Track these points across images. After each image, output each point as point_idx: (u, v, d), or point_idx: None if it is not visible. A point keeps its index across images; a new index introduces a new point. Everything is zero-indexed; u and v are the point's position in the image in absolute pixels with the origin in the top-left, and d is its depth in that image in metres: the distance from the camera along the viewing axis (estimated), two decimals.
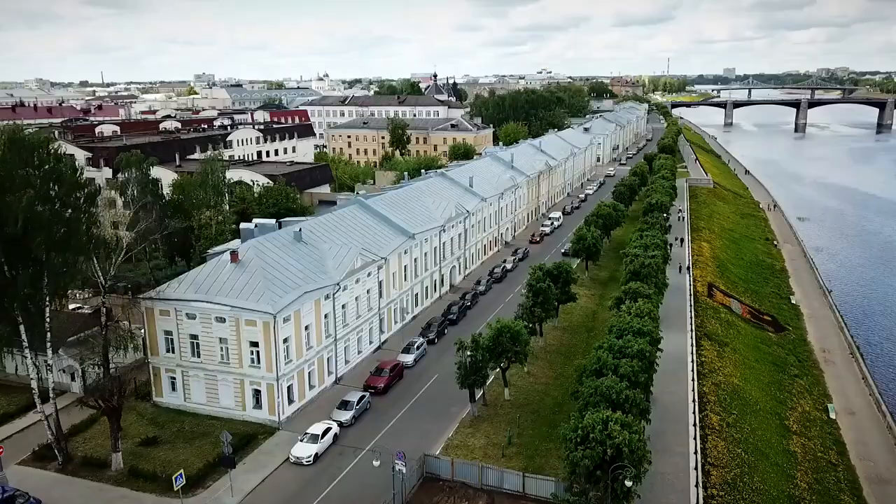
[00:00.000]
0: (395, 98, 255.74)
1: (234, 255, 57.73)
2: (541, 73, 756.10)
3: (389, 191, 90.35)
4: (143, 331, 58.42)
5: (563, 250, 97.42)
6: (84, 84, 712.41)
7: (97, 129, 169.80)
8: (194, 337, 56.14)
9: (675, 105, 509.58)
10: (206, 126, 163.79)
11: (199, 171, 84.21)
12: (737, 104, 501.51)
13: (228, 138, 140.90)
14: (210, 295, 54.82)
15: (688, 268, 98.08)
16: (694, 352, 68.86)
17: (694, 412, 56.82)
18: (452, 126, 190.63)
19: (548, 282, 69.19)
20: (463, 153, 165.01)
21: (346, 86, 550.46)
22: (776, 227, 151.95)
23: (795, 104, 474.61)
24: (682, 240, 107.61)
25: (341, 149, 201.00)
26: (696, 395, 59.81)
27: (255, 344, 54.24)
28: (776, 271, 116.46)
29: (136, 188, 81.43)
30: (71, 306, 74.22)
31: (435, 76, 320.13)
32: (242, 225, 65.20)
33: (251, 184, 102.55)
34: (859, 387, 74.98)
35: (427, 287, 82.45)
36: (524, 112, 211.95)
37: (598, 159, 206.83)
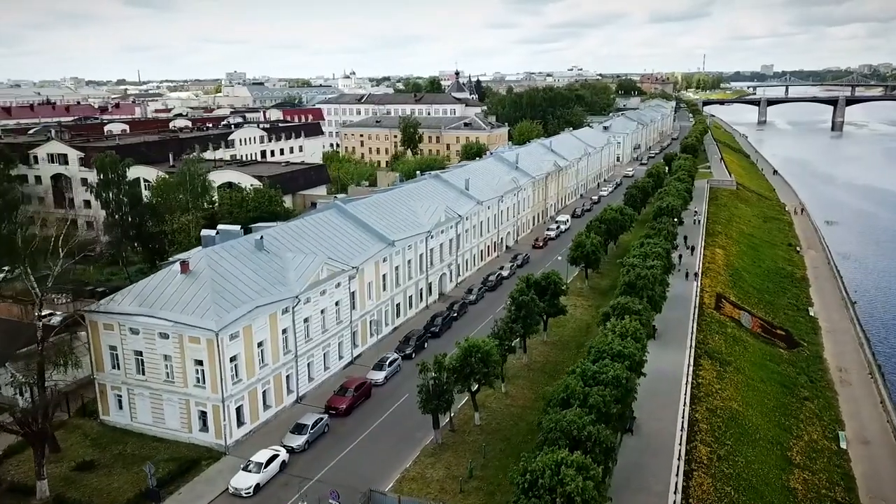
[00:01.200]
0: (412, 96, 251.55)
1: (184, 265, 53.97)
2: (571, 70, 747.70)
3: (379, 193, 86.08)
4: (88, 345, 54.95)
5: (558, 257, 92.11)
6: (121, 82, 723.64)
7: (106, 128, 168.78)
8: (139, 353, 52.54)
9: (706, 103, 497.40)
10: (209, 125, 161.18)
11: (178, 173, 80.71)
12: (771, 101, 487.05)
13: (230, 137, 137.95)
14: (154, 309, 51.11)
15: (696, 274, 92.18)
16: (690, 372, 63.33)
17: (680, 443, 51.44)
18: (466, 125, 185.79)
19: (531, 294, 64.19)
20: (475, 153, 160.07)
21: (374, 84, 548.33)
22: (801, 232, 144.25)
23: (833, 101, 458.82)
24: (692, 248, 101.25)
25: (353, 148, 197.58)
26: (685, 422, 54.38)
27: (199, 362, 50.37)
28: (796, 280, 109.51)
29: (111, 190, 78.46)
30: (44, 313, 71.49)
31: (457, 73, 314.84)
32: (203, 232, 61.47)
33: (241, 186, 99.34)
34: (876, 412, 68.57)
35: (411, 296, 77.98)
36: (541, 110, 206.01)
37: (618, 159, 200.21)
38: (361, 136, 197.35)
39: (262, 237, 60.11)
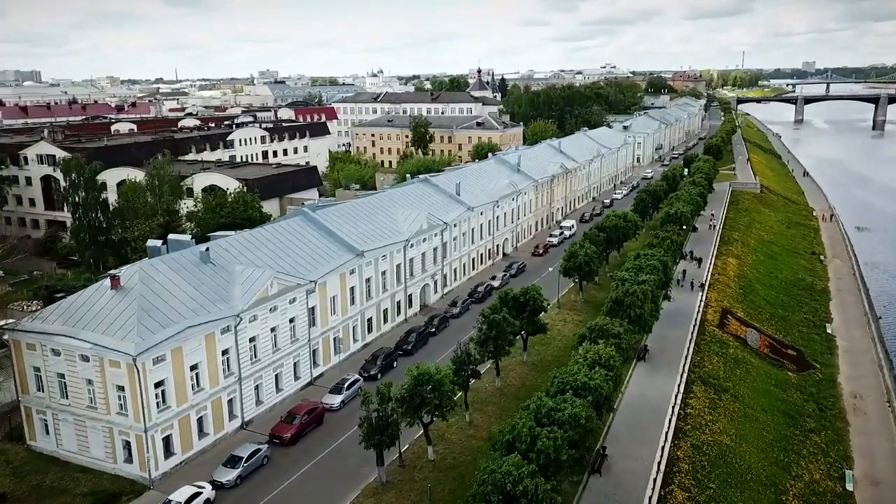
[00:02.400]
0: (429, 95, 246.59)
1: (114, 280, 49.80)
2: (604, 67, 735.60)
3: (359, 199, 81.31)
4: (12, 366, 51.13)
5: (550, 268, 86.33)
6: (158, 81, 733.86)
7: (113, 128, 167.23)
8: (61, 376, 48.47)
9: (741, 101, 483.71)
10: (211, 125, 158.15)
11: (146, 176, 76.95)
12: (809, 99, 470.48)
13: (229, 138, 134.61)
14: (77, 328, 47.03)
15: (702, 285, 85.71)
16: (677, 402, 57.25)
17: (654, 488, 45.61)
18: (478, 124, 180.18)
19: (504, 313, 58.73)
20: (487, 153, 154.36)
21: (403, 82, 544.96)
22: (827, 239, 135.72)
23: (874, 99, 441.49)
24: (698, 260, 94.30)
25: (365, 148, 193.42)
26: (662, 462, 48.47)
27: (121, 388, 46.08)
28: (816, 292, 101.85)
29: (78, 193, 75.06)
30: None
31: (479, 71, 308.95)
32: (150, 242, 57.22)
33: (225, 189, 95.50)
34: (891, 447, 61.56)
35: (387, 310, 73.05)
36: (559, 109, 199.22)
37: (638, 160, 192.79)
38: (373, 135, 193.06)
39: (207, 249, 55.68)
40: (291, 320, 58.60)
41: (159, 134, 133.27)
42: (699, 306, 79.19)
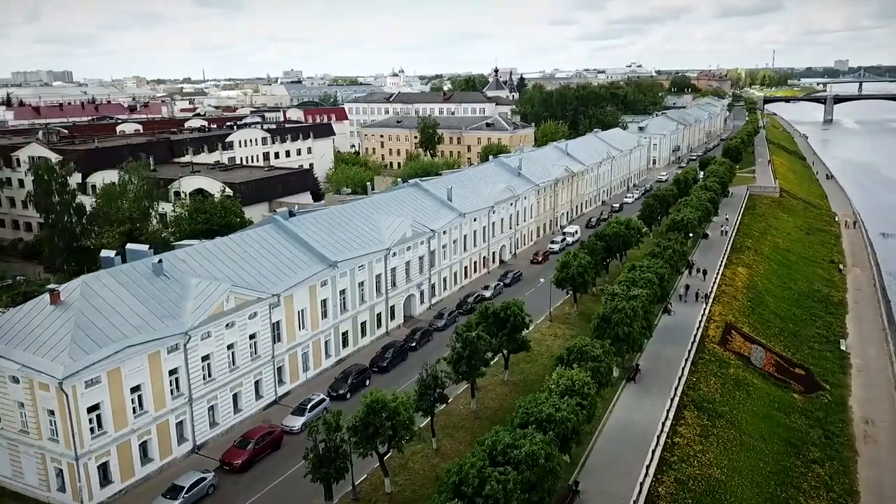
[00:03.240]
0: (441, 94, 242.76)
1: (54, 294, 46.73)
2: (629, 66, 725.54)
3: (341, 205, 77.81)
4: None
5: (541, 279, 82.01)
6: (186, 80, 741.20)
7: (118, 128, 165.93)
8: None
9: (768, 100, 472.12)
10: (213, 126, 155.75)
11: (120, 181, 74.17)
12: (839, 99, 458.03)
13: (228, 139, 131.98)
14: (8, 347, 44.00)
15: (705, 296, 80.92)
16: (664, 429, 52.74)
17: None
18: (487, 125, 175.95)
19: (478, 331, 54.72)
20: (493, 155, 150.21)
21: (424, 81, 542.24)
22: (849, 246, 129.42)
23: None
24: (703, 271, 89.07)
25: (374, 149, 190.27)
26: (640, 499, 44.13)
27: (51, 412, 42.94)
28: (831, 305, 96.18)
29: (52, 197, 72.53)
30: None
31: (496, 71, 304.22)
32: (103, 252, 54.16)
33: (212, 193, 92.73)
34: None
35: (365, 322, 69.37)
36: (572, 109, 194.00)
37: (654, 162, 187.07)
38: (382, 136, 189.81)
39: (160, 261, 52.38)
40: (252, 336, 55.17)
41: (155, 135, 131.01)
42: (700, 321, 74.33)
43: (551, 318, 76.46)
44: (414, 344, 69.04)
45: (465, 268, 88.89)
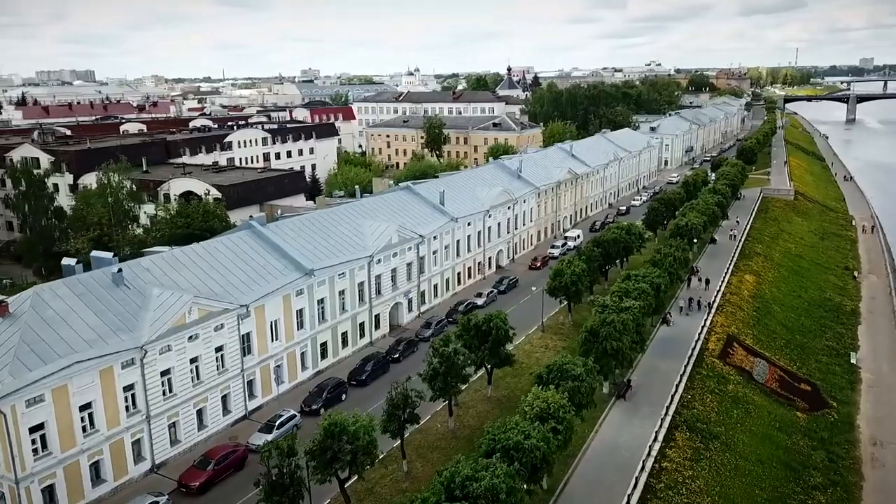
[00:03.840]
0: (450, 94, 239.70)
1: (2, 306, 44.38)
2: (648, 65, 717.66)
3: (327, 209, 75.18)
4: None
5: (533, 288, 78.80)
6: (207, 79, 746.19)
7: (122, 128, 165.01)
8: None
9: (788, 99, 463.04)
10: (216, 126, 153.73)
11: (97, 184, 72.09)
12: (862, 98, 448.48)
13: (227, 140, 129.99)
14: None
15: (708, 305, 77.39)
16: (652, 452, 49.42)
17: None
18: (494, 125, 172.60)
19: (455, 345, 51.77)
20: (502, 155, 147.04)
21: (441, 80, 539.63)
22: (865, 252, 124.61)
23: None
24: (705, 280, 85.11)
25: (380, 149, 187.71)
26: None
27: None
28: (843, 314, 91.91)
29: (29, 201, 70.58)
30: None
31: (509, 69, 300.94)
32: (65, 261, 51.86)
33: (201, 195, 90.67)
34: None
35: (346, 333, 66.62)
36: (582, 109, 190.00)
37: (665, 163, 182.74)
38: (388, 136, 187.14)
39: (120, 270, 49.96)
40: (219, 349, 52.66)
41: (153, 136, 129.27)
42: (699, 332, 70.70)
43: (543, 329, 73.32)
44: (397, 355, 66.27)
45: (459, 274, 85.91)
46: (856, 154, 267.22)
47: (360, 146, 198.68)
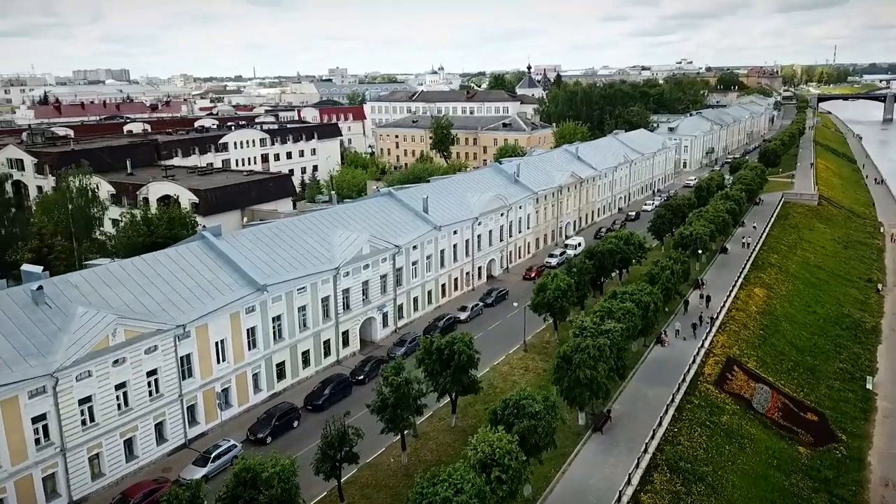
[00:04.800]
0: (465, 93, 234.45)
1: None
2: (679, 63, 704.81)
3: (304, 216, 70.70)
4: None
5: (515, 303, 73.46)
6: (238, 78, 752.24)
7: (125, 128, 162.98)
8: None
9: (822, 98, 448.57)
10: (201, 127, 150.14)
11: (58, 189, 68.50)
12: None
13: (222, 140, 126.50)
14: None
15: (711, 319, 71.52)
16: (623, 499, 43.91)
17: None
18: (504, 125, 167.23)
19: (408, 374, 46.88)
20: (510, 156, 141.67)
21: (466, 79, 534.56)
22: (892, 262, 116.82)
23: None
24: (706, 297, 78.44)
25: (389, 149, 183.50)
26: None
27: None
28: (862, 333, 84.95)
29: None
30: None
31: (529, 68, 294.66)
32: None
33: (178, 200, 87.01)
34: None
35: (308, 352, 62.03)
36: (598, 109, 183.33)
37: (684, 165, 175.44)
38: (396, 136, 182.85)
39: (41, 287, 45.90)
40: (151, 373, 48.37)
41: (141, 137, 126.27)
42: (695, 355, 64.72)
43: (526, 348, 67.98)
44: (362, 377, 61.46)
45: (444, 286, 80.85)
46: (891, 156, 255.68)
47: (370, 147, 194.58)
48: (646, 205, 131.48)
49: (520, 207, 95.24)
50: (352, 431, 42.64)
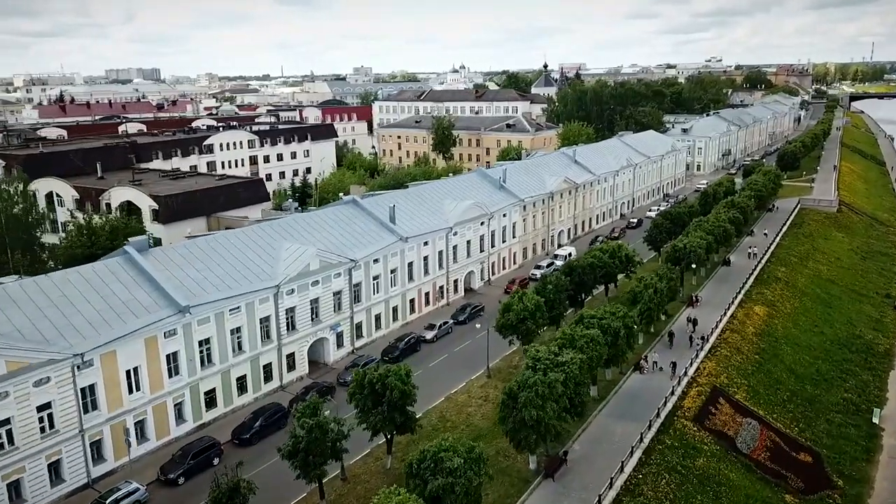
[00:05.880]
0: (473, 92, 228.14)
1: None
2: (708, 61, 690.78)
3: (250, 227, 65.54)
4: None
5: (478, 325, 67.45)
6: (266, 77, 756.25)
7: (120, 128, 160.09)
8: None
9: (854, 97, 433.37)
10: (189, 128, 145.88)
11: None
12: None
13: (207, 142, 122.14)
14: None
15: (702, 339, 65.09)
16: None
17: None
18: (508, 126, 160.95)
19: (318, 419, 41.38)
20: (512, 158, 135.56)
21: (488, 78, 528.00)
22: None
23: None
24: (693, 321, 70.85)
25: (392, 150, 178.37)
26: None
27: None
28: (874, 357, 77.45)
29: None
30: None
31: (545, 66, 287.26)
32: None
33: (139, 207, 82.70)
34: None
35: (244, 377, 56.82)
36: (608, 108, 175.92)
37: (698, 167, 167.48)
38: (399, 137, 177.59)
39: None
40: (44, 407, 43.44)
41: (114, 139, 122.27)
42: (674, 385, 58.12)
43: (489, 374, 62.04)
44: (287, 409, 55.70)
45: (412, 301, 75.17)
46: None
47: (373, 147, 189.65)
48: (650, 210, 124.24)
49: (504, 215, 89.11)
50: (244, 486, 37.18)
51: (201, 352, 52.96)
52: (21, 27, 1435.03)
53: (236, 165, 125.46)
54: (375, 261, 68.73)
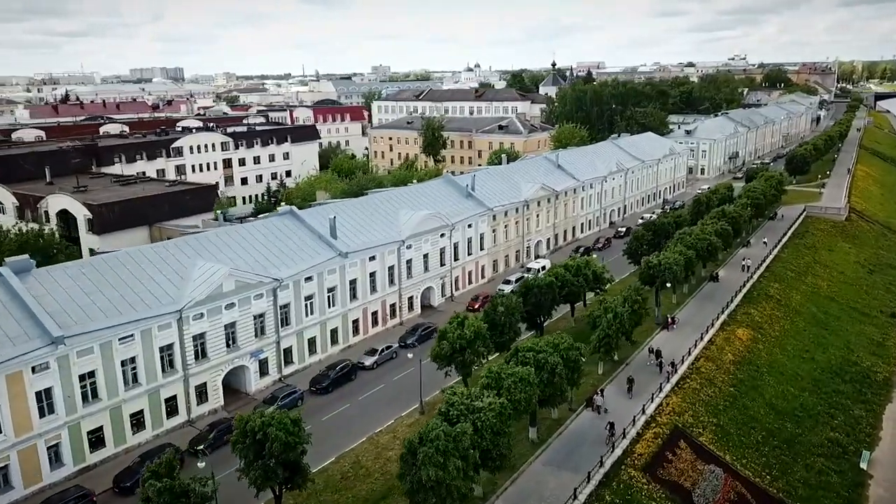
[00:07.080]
0: (473, 92, 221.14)
1: None
2: (732, 59, 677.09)
3: (164, 242, 59.68)
4: None
5: (410, 355, 60.65)
6: (287, 76, 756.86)
7: (102, 129, 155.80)
8: None
9: (880, 97, 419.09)
10: (168, 129, 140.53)
11: None
12: None
13: (175, 145, 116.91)
14: None
15: (672, 365, 58.17)
16: None
17: None
18: (500, 128, 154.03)
19: (179, 481, 35.27)
20: (500, 162, 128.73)
21: (506, 76, 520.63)
22: None
23: None
24: (656, 352, 62.04)
25: (383, 152, 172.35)
26: None
27: None
28: (870, 387, 69.76)
29: None
30: None
31: (553, 65, 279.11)
32: None
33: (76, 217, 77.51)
34: None
35: (141, 412, 50.95)
36: (609, 109, 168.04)
37: (702, 171, 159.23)
38: (390, 138, 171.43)
39: None
40: None
41: (76, 141, 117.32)
42: (629, 426, 51.17)
43: (423, 410, 55.47)
44: (202, 447, 49.82)
45: (356, 321, 68.84)
46: None
47: (366, 149, 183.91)
48: (642, 218, 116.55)
49: (469, 226, 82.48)
50: None
51: (83, 386, 47.11)
52: (55, 28, 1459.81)
53: (208, 169, 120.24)
54: (308, 279, 62.50)
